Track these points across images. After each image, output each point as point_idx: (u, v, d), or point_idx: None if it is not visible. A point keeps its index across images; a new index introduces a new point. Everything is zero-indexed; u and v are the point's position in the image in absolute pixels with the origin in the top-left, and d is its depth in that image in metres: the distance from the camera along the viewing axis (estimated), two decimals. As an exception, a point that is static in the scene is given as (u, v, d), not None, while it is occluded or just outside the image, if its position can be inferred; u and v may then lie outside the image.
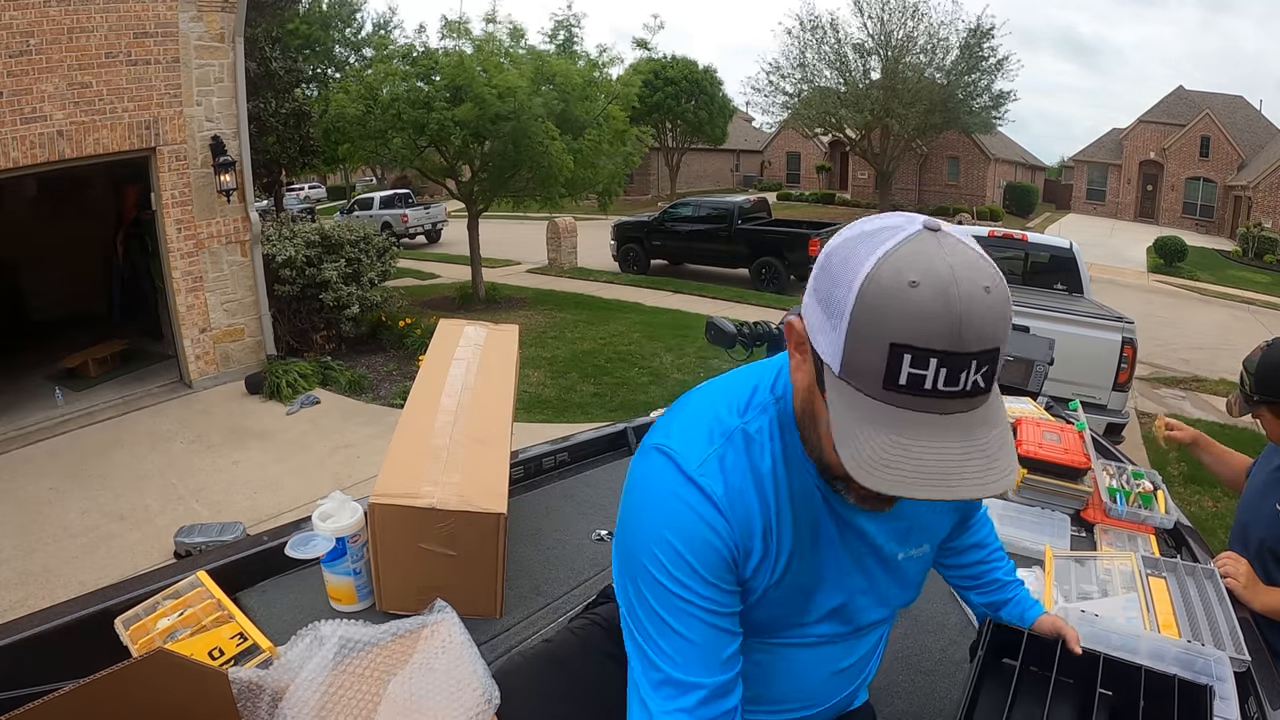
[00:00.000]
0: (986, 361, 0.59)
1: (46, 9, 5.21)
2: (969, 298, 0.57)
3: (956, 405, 0.60)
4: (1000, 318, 0.58)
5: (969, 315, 0.57)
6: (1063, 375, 3.71)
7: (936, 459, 0.59)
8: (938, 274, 0.57)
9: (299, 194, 25.34)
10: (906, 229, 0.61)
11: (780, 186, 33.28)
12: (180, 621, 1.21)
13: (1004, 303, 0.59)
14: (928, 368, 0.58)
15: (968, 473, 0.59)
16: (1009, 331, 0.60)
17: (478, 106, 8.35)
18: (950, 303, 0.56)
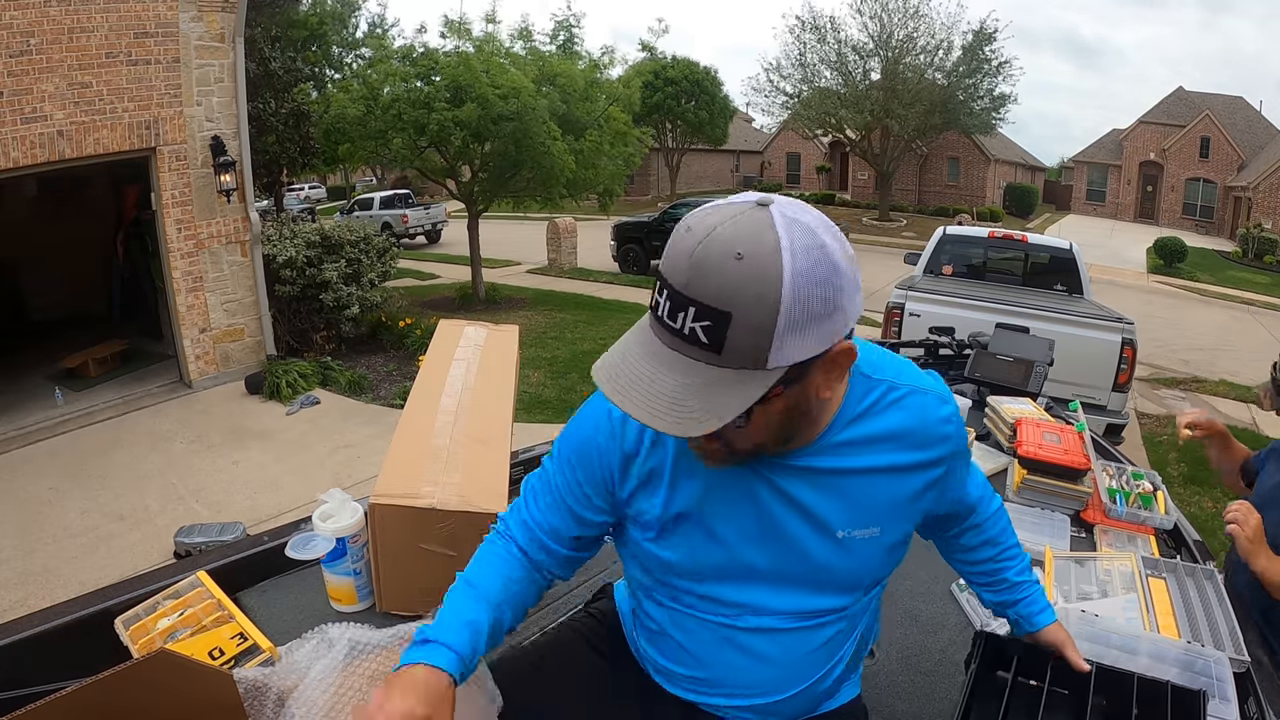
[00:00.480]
0: (709, 317, 0.63)
1: (47, 9, 5.21)
2: (713, 253, 0.62)
3: (672, 341, 0.66)
4: (736, 284, 0.62)
5: (702, 266, 0.63)
6: (1062, 376, 3.71)
7: (632, 373, 0.68)
8: (706, 227, 0.64)
9: (299, 194, 25.34)
10: (746, 199, 0.67)
11: (780, 187, 33.27)
12: (180, 621, 1.21)
13: (750, 275, 0.62)
14: (662, 295, 0.66)
15: (643, 396, 0.66)
16: (759, 307, 0.62)
17: (480, 107, 8.34)
18: (695, 249, 0.63)
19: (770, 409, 0.70)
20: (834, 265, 0.65)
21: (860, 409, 0.83)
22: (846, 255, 0.67)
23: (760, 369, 0.65)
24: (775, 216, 0.64)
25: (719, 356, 0.64)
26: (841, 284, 0.66)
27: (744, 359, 0.64)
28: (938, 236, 6.83)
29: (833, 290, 0.65)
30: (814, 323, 0.65)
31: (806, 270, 0.63)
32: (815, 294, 0.64)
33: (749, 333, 0.63)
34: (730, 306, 0.62)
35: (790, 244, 0.63)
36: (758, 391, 0.65)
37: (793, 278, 0.62)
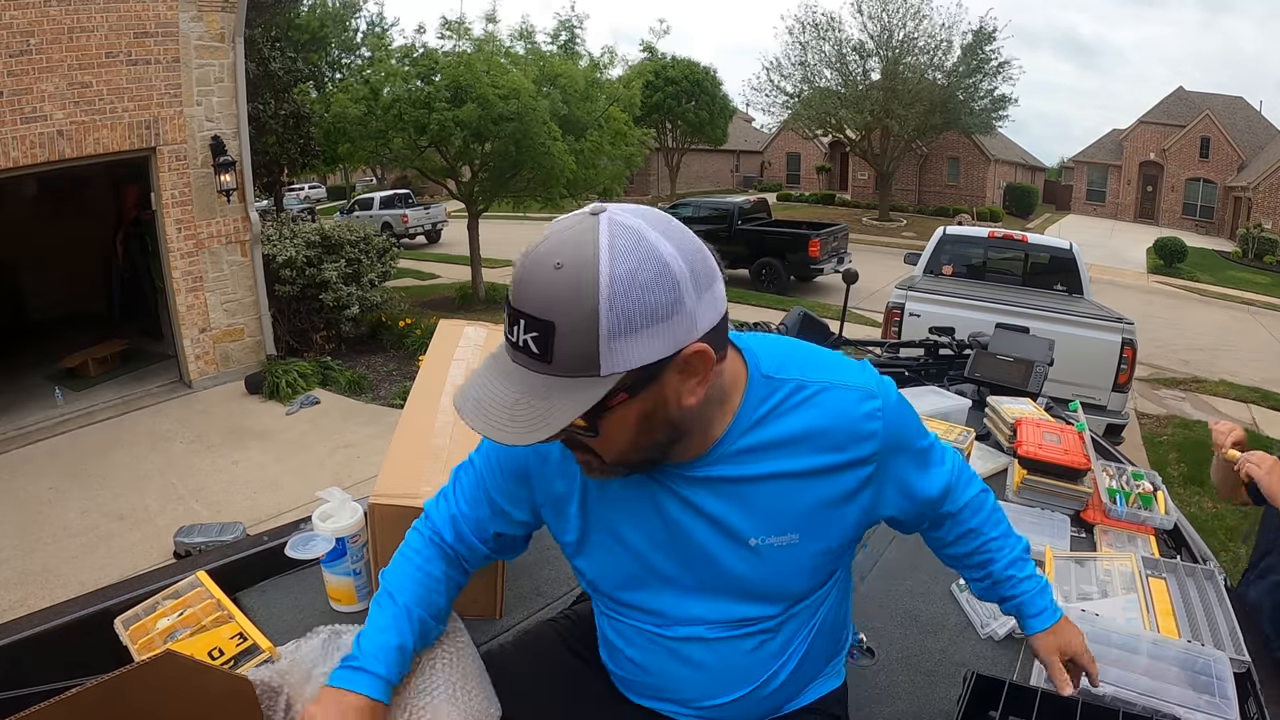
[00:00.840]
0: (535, 327, 0.64)
1: (47, 9, 5.21)
2: (536, 265, 0.64)
3: (513, 354, 0.68)
4: (555, 293, 0.62)
5: (526, 278, 0.65)
6: (1063, 376, 3.71)
7: (479, 388, 0.69)
8: (536, 241, 0.66)
9: (299, 194, 25.34)
10: (583, 211, 0.68)
11: (780, 187, 33.29)
12: (180, 622, 1.21)
13: (567, 283, 0.62)
14: (505, 309, 0.68)
15: (484, 408, 0.68)
16: (578, 314, 0.62)
17: (481, 107, 8.34)
18: (523, 262, 0.66)
19: (622, 417, 0.69)
20: (662, 266, 0.63)
21: (760, 413, 0.79)
22: (685, 255, 0.65)
23: (594, 376, 0.64)
24: (601, 223, 0.64)
25: (550, 365, 0.64)
26: (676, 284, 0.64)
27: (575, 366, 0.64)
28: (938, 236, 6.84)
29: (664, 292, 0.63)
30: (647, 326, 0.63)
31: (628, 274, 0.62)
32: (642, 297, 0.62)
33: (574, 340, 0.63)
34: (552, 315, 0.63)
35: (610, 248, 0.62)
36: (592, 398, 0.64)
37: (610, 282, 0.61)
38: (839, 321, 2.57)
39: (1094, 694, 1.08)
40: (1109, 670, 1.13)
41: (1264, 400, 7.45)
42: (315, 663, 0.98)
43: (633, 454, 0.74)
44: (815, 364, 0.83)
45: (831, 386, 0.81)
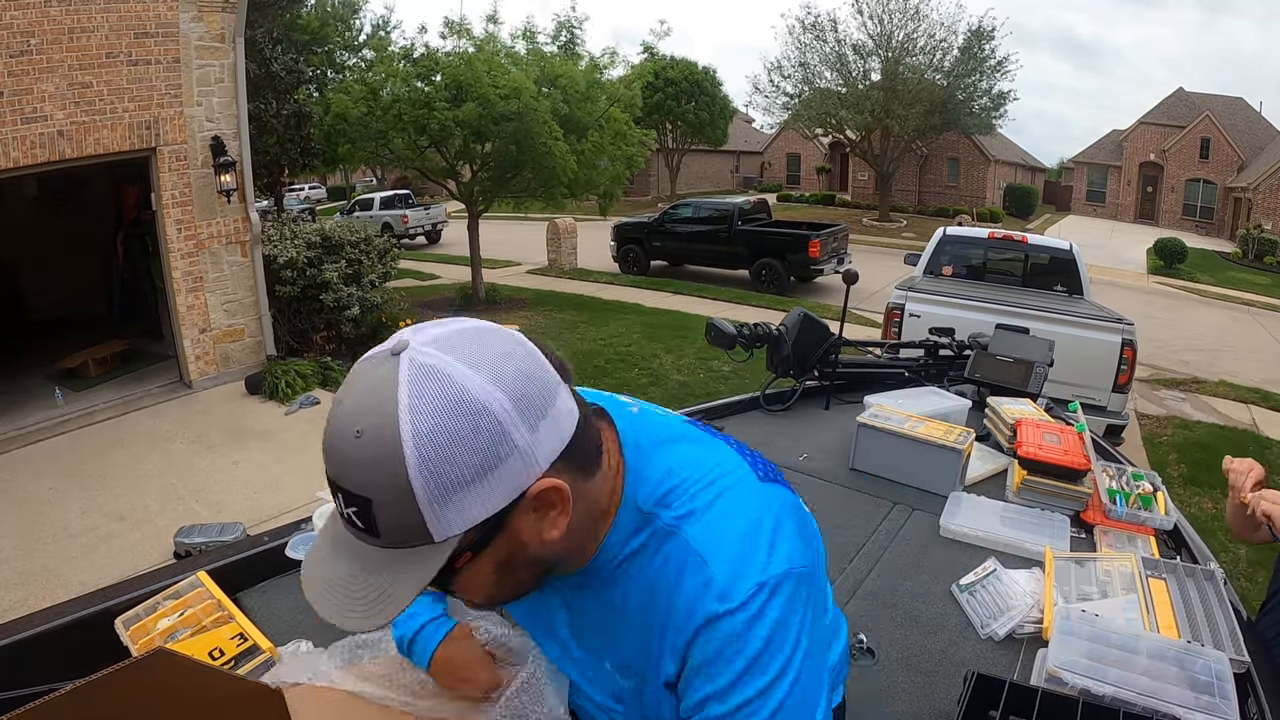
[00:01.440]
0: (353, 502, 0.56)
1: (47, 9, 5.21)
2: (337, 433, 0.56)
3: (344, 524, 0.59)
4: (361, 466, 0.54)
5: (331, 449, 0.56)
6: (1062, 377, 3.71)
7: (316, 563, 0.63)
8: (338, 397, 0.58)
9: (299, 194, 25.35)
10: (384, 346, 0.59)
11: (780, 188, 33.31)
12: (180, 622, 1.21)
13: (371, 455, 0.53)
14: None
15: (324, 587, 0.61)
16: (391, 487, 0.54)
17: (481, 106, 8.35)
18: (327, 429, 0.57)
19: (476, 572, 0.62)
20: (477, 410, 0.55)
21: (624, 554, 0.69)
22: (506, 386, 0.57)
23: (428, 544, 0.57)
24: (401, 370, 0.55)
25: (379, 539, 0.57)
26: (498, 425, 0.55)
27: (405, 538, 0.57)
28: (938, 237, 6.84)
29: (485, 439, 0.55)
30: (475, 481, 0.55)
31: (435, 431, 0.53)
32: (456, 454, 0.54)
33: (394, 512, 0.55)
34: (365, 491, 0.55)
35: (411, 404, 0.54)
36: (433, 569, 0.58)
37: (417, 447, 0.53)
38: (839, 322, 2.57)
39: (1094, 694, 1.08)
40: (1109, 670, 1.13)
41: (1264, 400, 7.45)
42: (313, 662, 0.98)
43: (502, 596, 0.68)
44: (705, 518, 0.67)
45: (694, 556, 0.66)
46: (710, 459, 0.72)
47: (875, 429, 1.99)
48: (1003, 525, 1.71)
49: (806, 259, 11.99)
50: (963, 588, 1.47)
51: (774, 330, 2.55)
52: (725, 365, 7.49)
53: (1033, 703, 1.00)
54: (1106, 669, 1.13)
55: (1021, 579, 1.47)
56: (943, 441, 1.89)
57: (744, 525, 0.67)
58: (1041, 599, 1.40)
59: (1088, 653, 1.16)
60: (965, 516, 1.75)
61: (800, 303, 8.90)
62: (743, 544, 0.66)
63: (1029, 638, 1.35)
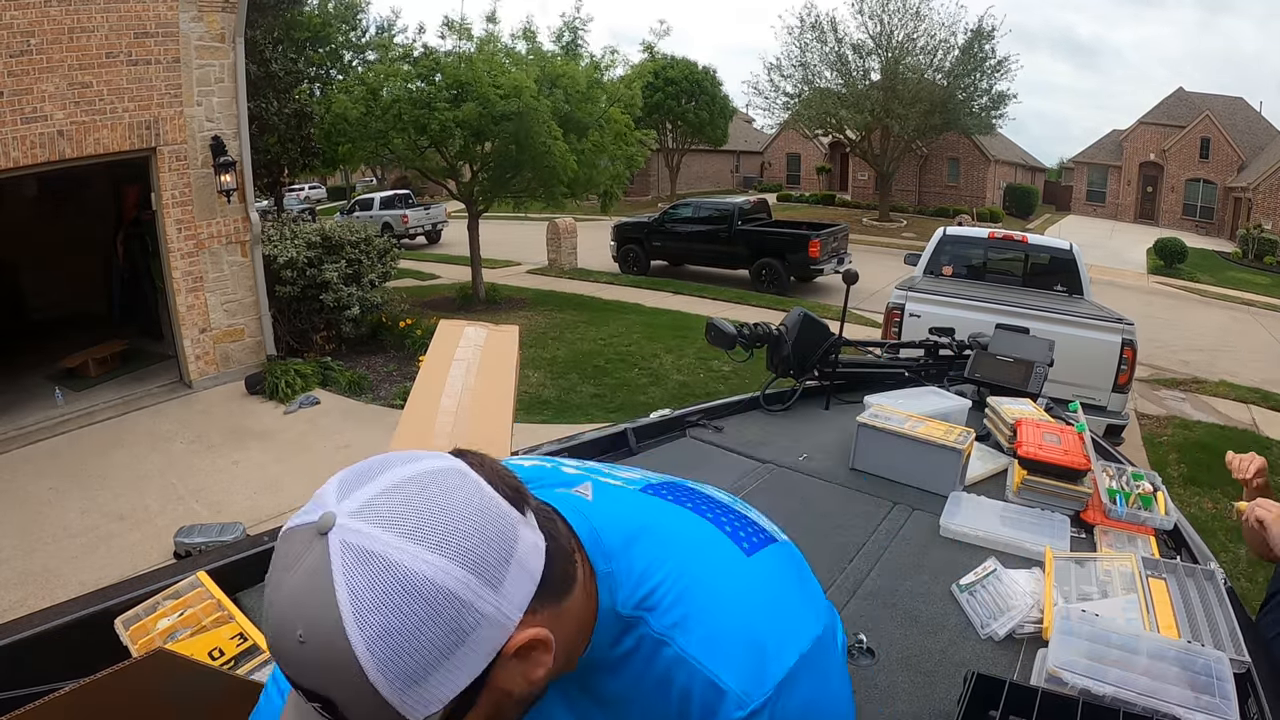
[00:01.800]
0: (315, 699, 0.50)
1: (47, 9, 5.22)
2: (280, 636, 0.49)
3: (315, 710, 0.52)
4: (315, 670, 0.48)
5: (277, 649, 0.50)
6: (1062, 377, 3.71)
7: None
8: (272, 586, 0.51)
9: (299, 194, 25.35)
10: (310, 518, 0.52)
11: (780, 188, 33.31)
12: (180, 622, 1.21)
13: (320, 660, 0.48)
14: None
15: None
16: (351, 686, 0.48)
17: (481, 106, 8.35)
18: (266, 624, 0.51)
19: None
20: (430, 593, 0.49)
21: (618, 654, 0.63)
22: (459, 553, 0.50)
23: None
24: (334, 557, 0.49)
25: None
26: (457, 601, 0.50)
27: None
28: (938, 237, 6.84)
29: (447, 619, 0.49)
30: (443, 661, 0.50)
31: (384, 630, 0.48)
32: (416, 644, 0.49)
33: (362, 708, 0.49)
34: (326, 691, 0.49)
35: (354, 603, 0.48)
36: None
37: (369, 649, 0.47)
38: (839, 322, 2.57)
39: (1094, 694, 1.08)
40: (1109, 670, 1.13)
41: (1264, 400, 7.45)
42: None
43: None
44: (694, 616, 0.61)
45: (699, 673, 0.60)
46: (685, 548, 0.65)
47: (875, 429, 1.99)
48: (1003, 525, 1.71)
49: (806, 259, 11.99)
50: (963, 588, 1.47)
51: (774, 330, 2.55)
52: (725, 365, 7.49)
53: (1033, 703, 1.00)
54: (1106, 669, 1.13)
55: (1021, 579, 1.47)
56: (943, 441, 1.89)
57: (742, 621, 0.61)
58: (1041, 599, 1.40)
59: (1088, 653, 1.16)
60: (965, 516, 1.75)
61: (800, 303, 8.90)
62: (747, 646, 0.60)
63: (1029, 638, 1.34)
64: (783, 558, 0.69)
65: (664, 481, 0.75)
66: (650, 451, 2.14)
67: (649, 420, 2.29)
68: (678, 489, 0.73)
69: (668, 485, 0.74)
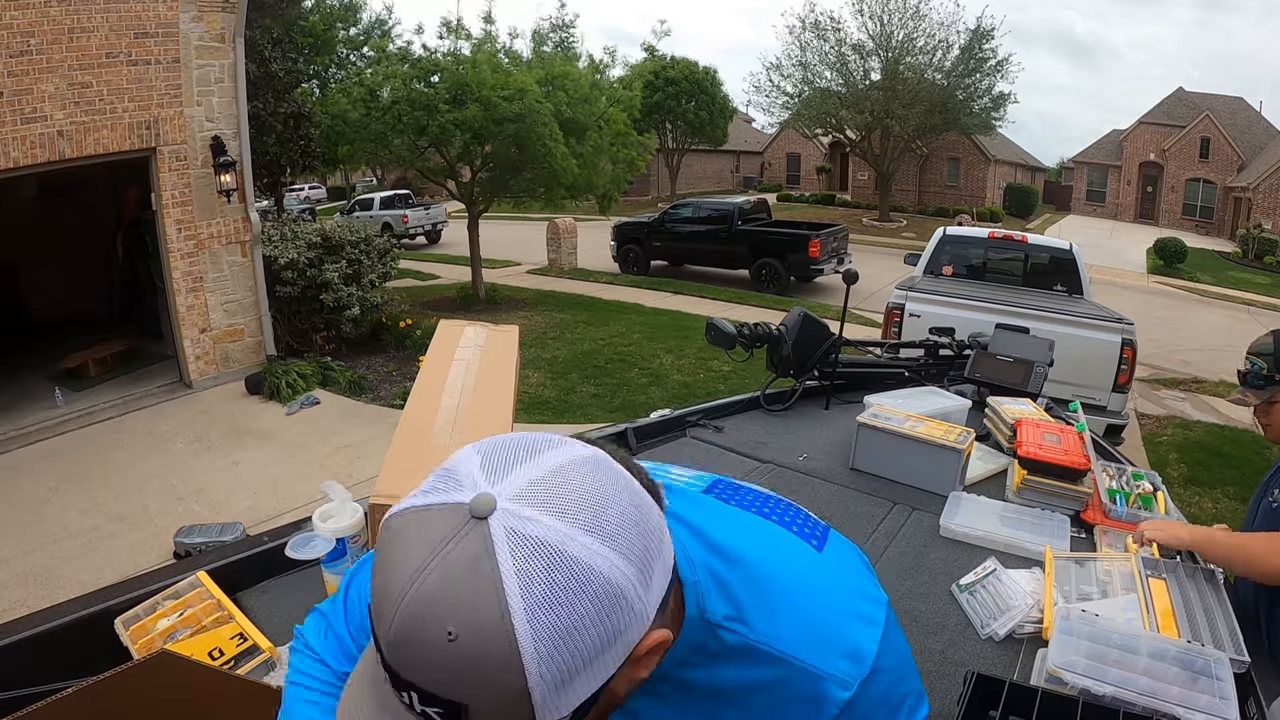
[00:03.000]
0: (437, 704, 0.45)
1: (47, 9, 5.22)
2: (417, 630, 0.44)
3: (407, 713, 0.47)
4: (458, 672, 0.43)
5: (408, 646, 0.44)
6: (1062, 377, 3.71)
7: None
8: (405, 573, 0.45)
9: (299, 195, 25.34)
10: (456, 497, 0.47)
11: (780, 188, 33.30)
12: (180, 622, 1.21)
13: (474, 661, 0.43)
14: (380, 658, 0.47)
15: None
16: (499, 694, 0.44)
17: (483, 108, 8.35)
18: (394, 616, 0.44)
19: None
20: (599, 584, 0.45)
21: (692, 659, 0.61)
22: (629, 540, 0.48)
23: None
24: (497, 543, 0.44)
25: None
26: (622, 597, 0.47)
27: None
28: (938, 237, 6.84)
29: (611, 618, 0.46)
30: (592, 663, 0.46)
31: (554, 626, 0.44)
32: (577, 643, 0.45)
33: (500, 715, 0.45)
34: (461, 698, 0.44)
35: (526, 599, 0.43)
36: None
37: (537, 650, 0.43)
38: (839, 322, 2.57)
39: (1094, 694, 1.08)
40: (1109, 670, 1.13)
41: (1264, 401, 7.44)
42: None
43: None
44: (784, 620, 0.61)
45: (792, 666, 0.60)
46: (764, 556, 0.64)
47: (875, 429, 1.99)
48: (1003, 525, 1.71)
49: (806, 259, 11.99)
50: (963, 588, 1.47)
51: (774, 330, 2.55)
52: (725, 365, 7.49)
53: (1033, 703, 1.00)
54: (1106, 669, 1.13)
55: (1021, 579, 1.47)
56: (943, 441, 1.89)
57: (831, 617, 0.63)
58: (1042, 599, 1.40)
59: (1088, 652, 1.16)
60: (965, 516, 1.75)
61: (800, 303, 8.90)
62: (840, 637, 0.62)
63: (1029, 638, 1.34)
64: (842, 543, 0.70)
65: (717, 480, 0.74)
66: (650, 451, 2.14)
67: (649, 420, 2.30)
68: (733, 489, 0.73)
69: (722, 484, 0.74)
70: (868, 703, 0.62)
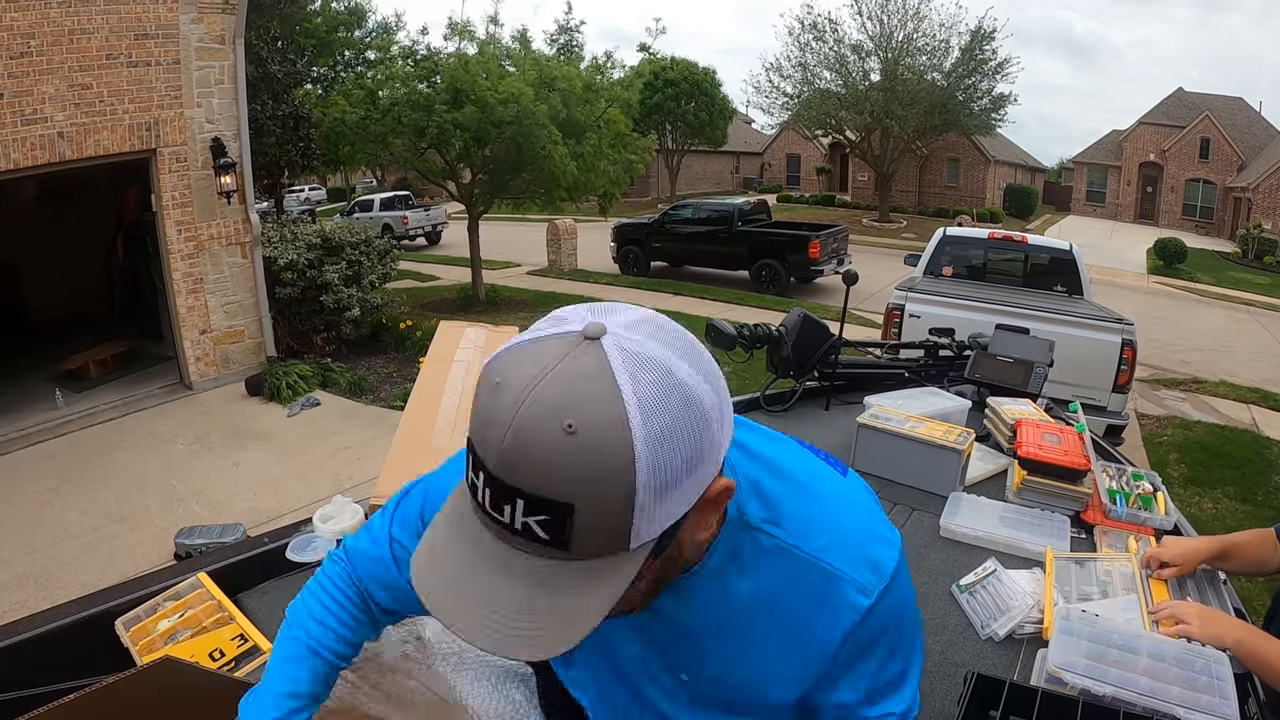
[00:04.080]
0: (544, 510, 0.48)
1: (47, 11, 5.22)
2: (535, 427, 0.47)
3: (501, 533, 0.51)
4: (572, 467, 0.46)
5: (523, 446, 0.47)
6: (1063, 377, 3.71)
7: (459, 580, 0.53)
8: (521, 382, 0.48)
9: (299, 196, 25.34)
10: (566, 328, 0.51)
11: (780, 189, 33.30)
12: (181, 623, 1.21)
13: (589, 452, 0.46)
14: (479, 476, 0.50)
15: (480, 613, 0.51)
16: (609, 491, 0.47)
17: (480, 110, 8.36)
18: (511, 421, 0.47)
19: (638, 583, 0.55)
20: (695, 401, 0.50)
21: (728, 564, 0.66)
22: (708, 375, 0.53)
23: (622, 553, 0.51)
24: (611, 355, 0.48)
25: (566, 552, 0.50)
26: (707, 418, 0.51)
27: (600, 549, 0.50)
28: (937, 238, 6.84)
29: (698, 433, 0.50)
30: (682, 479, 0.50)
31: (665, 431, 0.48)
32: (679, 454, 0.49)
33: (601, 521, 0.49)
34: (571, 497, 0.47)
35: (637, 394, 0.47)
36: (625, 579, 0.52)
37: (647, 443, 0.47)
38: (839, 323, 2.57)
39: (1094, 694, 1.08)
40: (1109, 670, 1.13)
41: (1264, 400, 7.45)
42: None
43: (640, 607, 0.63)
44: (815, 526, 0.66)
45: (820, 568, 0.65)
46: (795, 468, 0.69)
47: (875, 429, 1.99)
48: (1003, 525, 1.71)
49: (806, 260, 11.99)
50: (963, 588, 1.47)
51: (774, 331, 2.55)
52: (725, 366, 7.45)
53: (1033, 703, 1.00)
54: (1107, 669, 1.13)
55: (1021, 579, 1.47)
56: (943, 442, 1.89)
57: (855, 528, 0.68)
58: (1042, 599, 1.40)
59: (1088, 653, 1.16)
60: (965, 517, 1.75)
61: (800, 303, 8.90)
62: (862, 547, 0.67)
63: (1029, 638, 1.35)
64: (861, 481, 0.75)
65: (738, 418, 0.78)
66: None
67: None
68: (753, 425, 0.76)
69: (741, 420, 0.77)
70: (882, 618, 0.67)
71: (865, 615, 0.65)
